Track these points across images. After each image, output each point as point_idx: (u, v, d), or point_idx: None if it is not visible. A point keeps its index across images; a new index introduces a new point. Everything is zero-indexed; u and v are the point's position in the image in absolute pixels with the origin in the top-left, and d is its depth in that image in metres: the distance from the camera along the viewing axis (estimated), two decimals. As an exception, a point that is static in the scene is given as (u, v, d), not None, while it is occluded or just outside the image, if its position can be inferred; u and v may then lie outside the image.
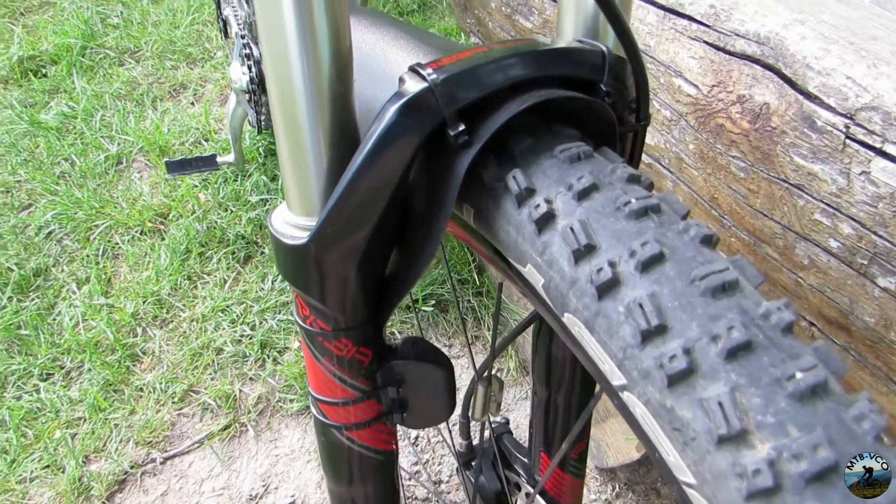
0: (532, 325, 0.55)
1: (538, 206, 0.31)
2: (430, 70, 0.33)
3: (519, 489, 0.65)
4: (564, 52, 0.36)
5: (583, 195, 0.31)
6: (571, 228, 0.30)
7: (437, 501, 1.05)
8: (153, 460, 1.18)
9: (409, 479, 1.13)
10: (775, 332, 0.26)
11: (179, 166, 1.35)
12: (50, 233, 1.61)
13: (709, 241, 0.29)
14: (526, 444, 0.66)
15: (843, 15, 0.63)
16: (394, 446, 0.49)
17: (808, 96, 0.58)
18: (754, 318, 0.26)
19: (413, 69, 0.33)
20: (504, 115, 0.33)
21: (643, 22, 0.73)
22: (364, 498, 0.49)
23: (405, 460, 1.17)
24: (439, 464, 1.16)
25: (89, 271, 1.50)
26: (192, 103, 2.00)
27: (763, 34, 0.62)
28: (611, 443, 1.01)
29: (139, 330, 1.37)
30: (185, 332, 1.36)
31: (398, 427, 0.47)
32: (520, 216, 0.33)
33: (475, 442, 0.68)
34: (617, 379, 0.28)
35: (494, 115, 0.33)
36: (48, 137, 1.87)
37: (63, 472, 1.16)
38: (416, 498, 1.12)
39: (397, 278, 0.40)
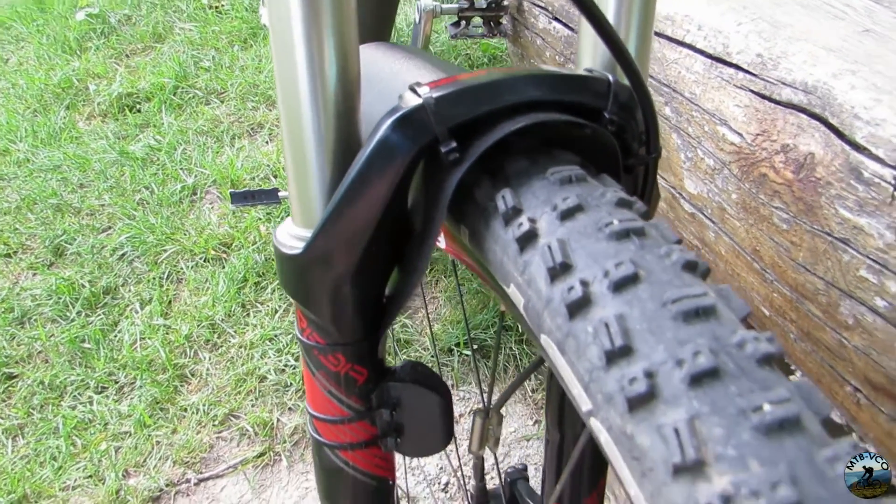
0: (545, 366, 0.54)
1: (521, 224, 0.31)
2: (426, 88, 0.34)
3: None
4: (567, 78, 0.36)
5: (566, 215, 0.30)
6: (549, 247, 0.29)
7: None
8: (188, 481, 1.20)
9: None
10: (749, 362, 0.24)
11: (243, 197, 1.41)
12: (123, 254, 1.70)
13: (692, 268, 0.28)
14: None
15: (901, 67, 0.61)
16: (390, 475, 0.48)
17: (856, 147, 0.55)
18: (727, 345, 0.25)
19: (412, 87, 0.34)
20: (496, 134, 0.33)
21: (690, 70, 0.72)
22: (355, 524, 0.48)
23: (434, 507, 1.14)
24: (467, 513, 1.12)
25: (153, 293, 1.57)
26: (267, 142, 2.10)
27: (811, 83, 0.60)
28: None
29: (190, 352, 1.42)
30: (232, 357, 1.39)
31: (405, 462, 0.46)
32: (506, 235, 0.32)
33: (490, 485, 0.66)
34: (584, 404, 0.27)
35: (488, 134, 0.33)
36: (133, 167, 2.00)
37: (103, 484, 1.20)
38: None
39: (394, 297, 0.40)
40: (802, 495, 0.21)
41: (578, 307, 0.27)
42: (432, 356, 1.35)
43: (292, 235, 0.39)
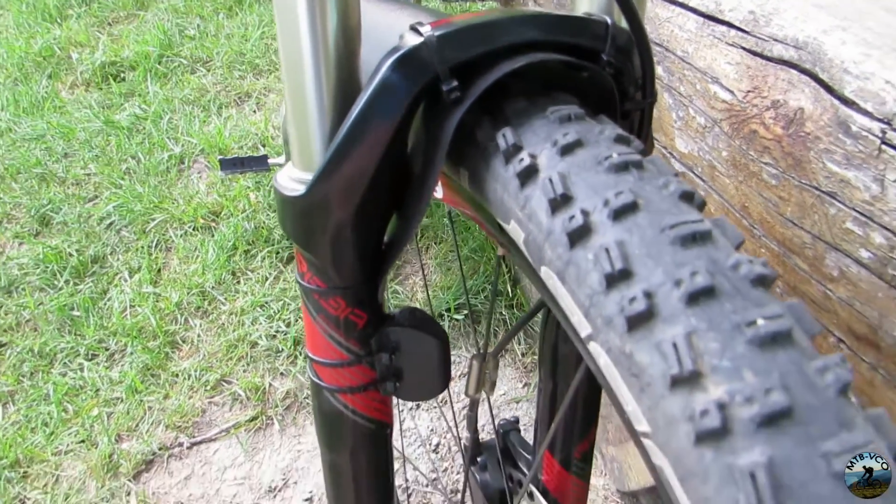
0: (541, 315, 0.55)
1: (522, 160, 0.32)
2: (428, 28, 0.34)
3: (521, 487, 0.63)
4: (567, 19, 0.36)
5: (566, 150, 0.31)
6: (550, 179, 0.30)
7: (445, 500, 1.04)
8: (181, 444, 1.21)
9: (427, 486, 1.12)
10: (743, 282, 0.25)
11: (232, 165, 1.40)
12: (110, 223, 1.69)
13: (688, 198, 0.29)
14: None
15: (891, 23, 0.61)
16: (388, 419, 0.49)
17: (845, 101, 0.56)
18: (723, 267, 0.25)
19: (413, 27, 0.34)
20: (496, 73, 0.33)
21: (682, 28, 0.72)
22: (355, 467, 0.49)
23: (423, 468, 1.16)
24: (458, 473, 1.14)
25: (142, 261, 1.56)
26: (255, 111, 2.08)
27: (802, 39, 0.60)
28: (633, 465, 0.98)
29: (181, 319, 1.42)
30: (223, 323, 1.40)
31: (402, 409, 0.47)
32: (506, 172, 0.33)
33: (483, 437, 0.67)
34: (584, 329, 0.28)
35: (488, 73, 0.34)
36: (119, 136, 1.98)
37: (96, 448, 1.20)
38: (432, 506, 1.11)
39: (392, 242, 0.41)
40: (793, 401, 0.22)
41: (579, 235, 0.28)
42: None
43: (293, 178, 0.39)
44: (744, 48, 0.65)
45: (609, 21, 0.37)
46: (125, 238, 1.65)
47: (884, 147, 0.53)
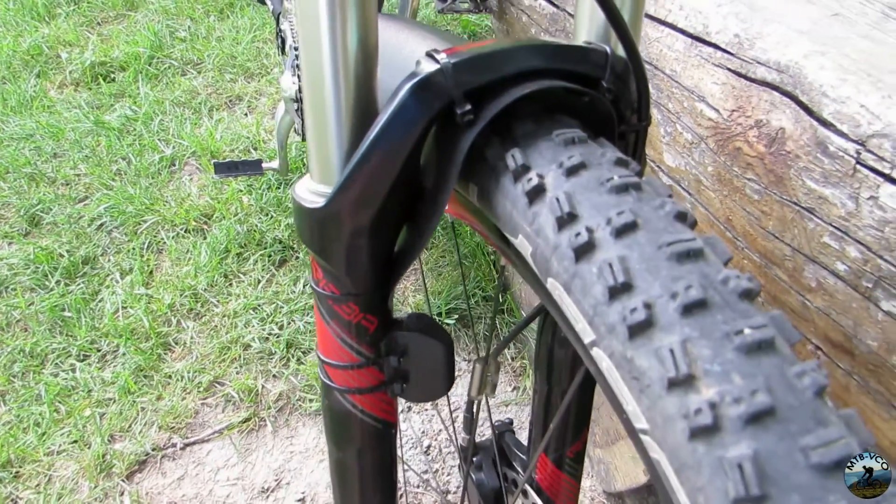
0: (537, 321, 0.58)
1: (530, 179, 0.34)
2: (443, 55, 0.37)
3: (516, 486, 0.66)
4: (570, 49, 0.39)
5: (571, 172, 0.34)
6: (557, 199, 0.33)
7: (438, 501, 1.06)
8: (174, 445, 1.23)
9: (418, 487, 1.14)
10: (732, 295, 0.28)
11: (227, 168, 1.42)
12: (101, 224, 1.70)
13: (682, 218, 0.32)
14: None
15: (865, 49, 0.65)
16: (393, 419, 0.51)
17: (823, 122, 0.60)
18: (713, 282, 0.28)
19: (429, 54, 0.37)
20: (507, 98, 0.36)
21: (671, 48, 0.76)
22: (362, 464, 0.51)
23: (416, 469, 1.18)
24: (448, 474, 1.17)
25: (133, 263, 1.57)
26: (246, 114, 2.10)
27: (784, 62, 0.64)
28: (619, 466, 1.01)
29: (174, 321, 1.43)
30: (216, 326, 1.41)
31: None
32: (515, 190, 0.36)
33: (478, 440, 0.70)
34: (588, 336, 0.31)
35: (499, 98, 0.37)
36: (109, 137, 1.98)
37: (89, 448, 1.21)
38: (422, 506, 1.13)
39: (404, 252, 0.43)
40: (776, 401, 0.25)
41: (584, 251, 0.31)
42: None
43: (311, 191, 0.42)
44: (729, 69, 0.69)
45: (608, 50, 0.40)
46: (116, 239, 1.66)
47: (858, 167, 0.57)
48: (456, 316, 1.39)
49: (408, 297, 1.47)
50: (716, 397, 0.25)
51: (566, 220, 0.32)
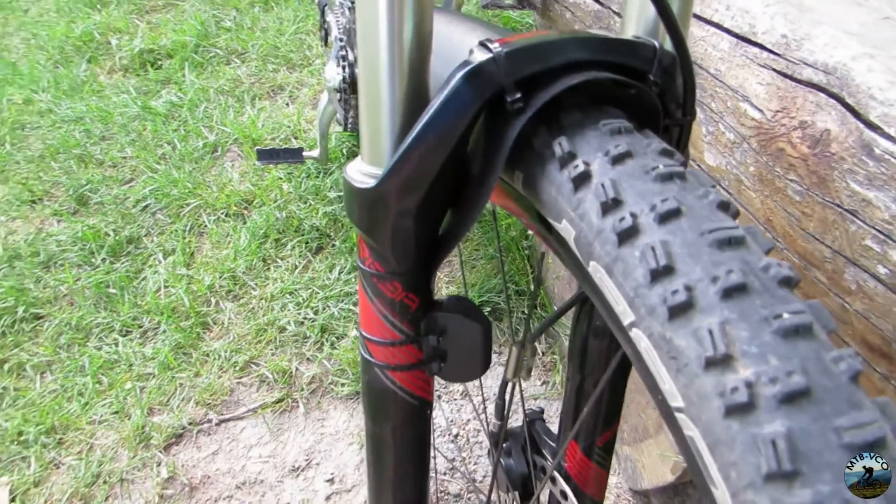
0: (573, 311, 0.59)
1: (577, 166, 0.36)
2: (496, 44, 0.38)
3: (545, 474, 0.67)
4: (619, 42, 0.40)
5: (617, 160, 0.35)
6: (602, 185, 0.34)
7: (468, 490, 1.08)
8: (209, 421, 1.26)
9: (445, 474, 1.16)
10: (772, 282, 0.29)
11: (268, 155, 1.45)
12: (146, 206, 1.75)
13: (725, 207, 0.33)
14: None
15: (917, 53, 0.65)
16: (430, 397, 0.53)
17: (869, 125, 0.59)
18: (754, 268, 0.29)
19: (482, 43, 0.39)
20: (557, 87, 0.37)
21: (716, 48, 0.76)
22: (397, 439, 0.53)
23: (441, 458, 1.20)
24: (475, 463, 1.19)
25: (176, 244, 1.62)
26: (287, 104, 2.14)
27: (831, 64, 0.64)
28: (646, 464, 1.01)
29: (213, 301, 1.47)
30: (253, 308, 1.45)
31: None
32: (561, 177, 0.37)
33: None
34: (627, 317, 0.32)
35: (548, 88, 0.38)
36: (155, 122, 2.04)
37: (129, 419, 1.26)
38: (448, 493, 1.15)
39: (448, 235, 0.45)
40: (811, 382, 0.26)
41: (628, 235, 0.32)
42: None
43: (362, 172, 0.43)
44: (775, 70, 0.69)
45: (657, 44, 0.41)
46: (160, 221, 1.71)
47: (904, 170, 0.56)
48: (489, 308, 1.40)
49: (441, 288, 1.49)
50: (752, 377, 0.26)
51: (611, 205, 0.33)
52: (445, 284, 1.49)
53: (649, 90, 0.40)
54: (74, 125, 2.09)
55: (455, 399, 1.26)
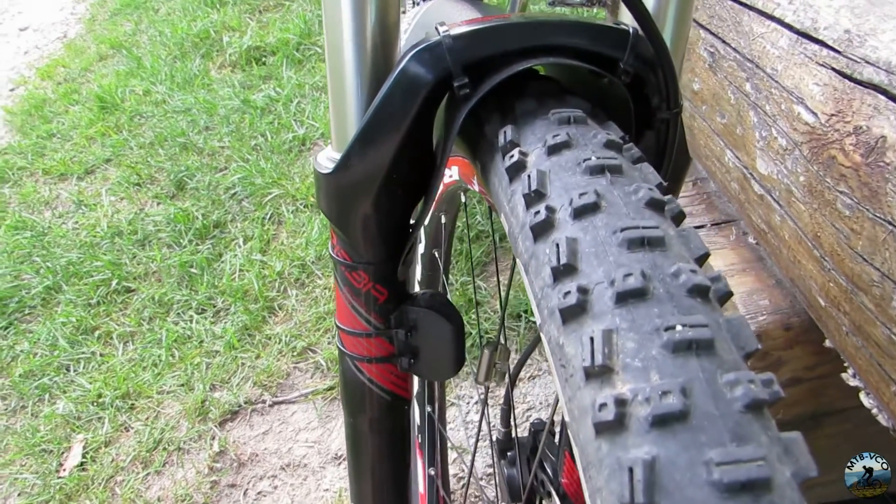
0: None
1: (513, 156, 0.33)
2: (446, 27, 0.36)
3: (544, 487, 0.64)
4: (585, 26, 0.37)
5: (553, 150, 0.32)
6: (529, 176, 0.31)
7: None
8: (263, 401, 1.31)
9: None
10: (679, 290, 0.26)
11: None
12: (234, 193, 1.85)
13: (657, 206, 0.29)
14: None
15: None
16: (405, 394, 0.52)
17: (931, 132, 0.52)
18: (662, 273, 0.26)
19: (436, 26, 0.37)
20: (504, 73, 0.35)
21: (774, 45, 0.69)
22: (370, 434, 0.52)
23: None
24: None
25: (255, 230, 1.70)
26: (375, 101, 2.18)
27: (895, 63, 0.56)
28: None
29: (281, 287, 1.53)
30: (316, 297, 1.49)
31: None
32: (501, 167, 0.35)
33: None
34: (537, 318, 0.30)
35: (498, 73, 0.36)
36: (253, 115, 2.15)
37: (192, 392, 1.33)
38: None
39: (414, 226, 0.44)
40: (689, 406, 0.22)
41: (542, 230, 0.29)
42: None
43: (328, 158, 0.43)
44: (833, 69, 0.62)
45: (631, 30, 0.37)
46: (245, 208, 1.80)
47: (966, 184, 0.49)
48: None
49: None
50: (627, 393, 0.23)
51: (533, 198, 0.31)
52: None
53: (616, 79, 0.37)
54: (183, 115, 2.24)
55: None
